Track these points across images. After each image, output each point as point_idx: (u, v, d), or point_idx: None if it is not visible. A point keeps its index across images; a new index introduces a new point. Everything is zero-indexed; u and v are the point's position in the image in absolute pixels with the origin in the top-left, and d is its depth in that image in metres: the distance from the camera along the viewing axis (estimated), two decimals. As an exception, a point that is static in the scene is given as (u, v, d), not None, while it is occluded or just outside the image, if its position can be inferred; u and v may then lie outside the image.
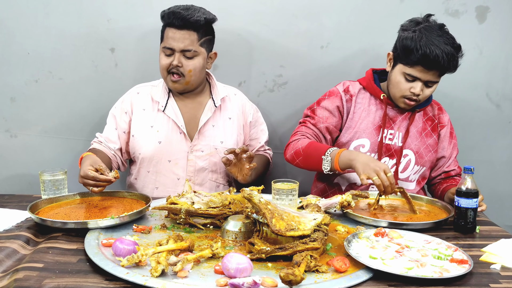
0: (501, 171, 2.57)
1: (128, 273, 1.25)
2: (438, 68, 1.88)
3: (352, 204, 1.75)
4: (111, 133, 2.12)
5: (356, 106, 2.08)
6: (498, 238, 1.59)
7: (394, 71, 1.99)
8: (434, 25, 1.94)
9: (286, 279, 1.19)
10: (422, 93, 1.94)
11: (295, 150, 2.00)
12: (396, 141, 2.06)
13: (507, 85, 2.51)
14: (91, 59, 2.40)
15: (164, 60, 2.03)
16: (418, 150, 2.08)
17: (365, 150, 2.05)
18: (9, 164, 2.47)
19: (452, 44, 1.88)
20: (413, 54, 1.88)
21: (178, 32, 1.99)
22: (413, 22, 1.97)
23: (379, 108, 2.07)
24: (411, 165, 2.08)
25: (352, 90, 2.10)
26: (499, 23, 2.43)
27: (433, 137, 2.10)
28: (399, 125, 2.07)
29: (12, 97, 2.41)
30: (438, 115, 2.14)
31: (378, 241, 1.49)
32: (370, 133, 2.06)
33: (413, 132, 2.07)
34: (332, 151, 1.90)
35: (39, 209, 1.71)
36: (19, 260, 1.40)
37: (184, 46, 1.99)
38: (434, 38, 1.87)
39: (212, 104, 2.13)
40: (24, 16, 2.34)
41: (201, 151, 2.10)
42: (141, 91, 2.15)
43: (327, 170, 1.91)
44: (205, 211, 1.63)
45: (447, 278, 1.27)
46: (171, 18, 1.98)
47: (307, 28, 2.43)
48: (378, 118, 2.07)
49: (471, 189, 1.64)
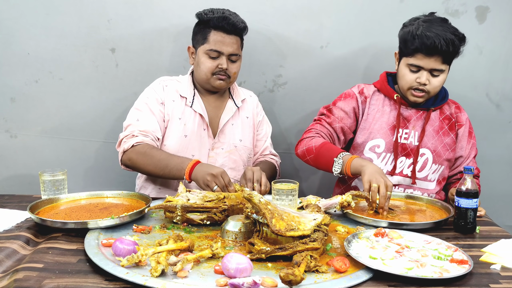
0: (501, 171, 2.57)
1: (128, 273, 1.25)
2: (437, 52, 1.89)
3: (352, 204, 1.75)
4: (151, 122, 2.05)
5: (370, 107, 2.09)
6: (498, 238, 1.59)
7: (400, 66, 2.03)
8: (435, 18, 1.97)
9: (286, 279, 1.19)
10: (429, 83, 1.95)
11: (307, 147, 2.01)
12: (412, 140, 2.07)
13: (507, 85, 2.51)
14: (91, 59, 2.41)
15: (210, 63, 2.06)
16: (436, 149, 2.07)
17: (381, 150, 2.06)
18: (9, 164, 2.47)
19: (452, 32, 1.90)
20: (411, 43, 1.92)
21: (228, 36, 2.04)
22: (414, 18, 2.02)
23: (393, 108, 2.08)
24: (429, 164, 2.07)
25: (366, 92, 2.11)
26: (499, 23, 2.44)
27: (450, 136, 2.10)
28: (414, 124, 2.07)
29: (12, 97, 2.42)
30: (455, 114, 2.13)
31: (378, 241, 1.49)
32: (385, 133, 2.06)
33: (429, 131, 2.07)
34: (344, 155, 1.92)
35: (39, 209, 1.71)
36: (19, 260, 1.40)
37: (233, 51, 2.06)
38: (434, 27, 1.90)
39: (233, 104, 2.20)
40: (24, 17, 2.34)
41: (221, 148, 2.15)
42: (169, 84, 2.15)
43: (337, 172, 1.92)
44: (201, 204, 1.64)
45: (447, 278, 1.27)
46: (222, 22, 2.02)
47: (307, 28, 2.43)
48: (392, 118, 2.07)
49: (471, 189, 1.64)
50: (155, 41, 2.41)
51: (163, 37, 2.40)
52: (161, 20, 2.39)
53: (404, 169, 2.07)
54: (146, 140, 2.00)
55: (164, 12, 2.38)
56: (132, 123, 2.04)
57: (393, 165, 2.06)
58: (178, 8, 2.37)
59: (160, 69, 2.40)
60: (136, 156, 1.96)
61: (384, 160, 2.07)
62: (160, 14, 2.39)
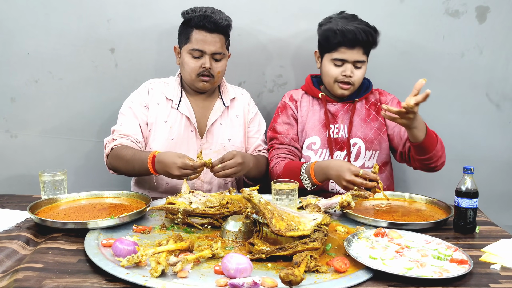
0: (501, 171, 2.57)
1: (128, 274, 1.25)
2: (359, 44, 2.01)
3: (352, 204, 1.74)
4: (132, 126, 2.09)
5: (302, 109, 2.18)
6: (498, 238, 1.59)
7: (323, 63, 2.11)
8: (347, 15, 2.10)
9: (286, 279, 1.19)
10: (353, 75, 2.05)
11: (276, 176, 2.05)
12: (343, 134, 2.14)
13: (507, 85, 2.51)
14: (91, 59, 2.41)
15: (194, 63, 2.05)
16: (366, 136, 2.14)
17: (317, 147, 2.13)
18: (9, 164, 2.47)
19: (366, 25, 2.04)
20: (334, 38, 2.02)
21: (210, 35, 2.03)
22: (328, 17, 2.12)
23: (322, 106, 2.17)
24: (362, 152, 2.14)
25: (295, 96, 2.21)
26: (499, 23, 2.43)
27: (379, 120, 2.17)
28: (342, 118, 2.15)
29: (12, 97, 2.41)
30: (380, 98, 2.21)
31: (378, 241, 1.49)
32: (318, 130, 2.14)
33: (357, 121, 2.15)
34: (305, 168, 1.96)
35: (39, 210, 1.71)
36: (19, 260, 1.40)
37: (215, 49, 2.04)
38: (348, 22, 2.03)
39: (221, 103, 2.19)
40: (24, 17, 2.34)
41: (209, 149, 2.15)
42: (155, 87, 2.17)
43: (310, 188, 1.96)
44: (203, 210, 1.63)
45: (447, 278, 1.27)
46: (203, 21, 2.01)
47: (307, 28, 2.43)
48: (322, 116, 2.15)
49: (471, 189, 1.64)
50: (155, 41, 2.41)
51: (162, 37, 2.40)
52: (160, 20, 2.39)
53: None
54: (124, 142, 2.03)
55: (164, 12, 2.38)
56: (116, 128, 2.10)
57: None
58: (177, 8, 2.36)
59: (160, 69, 2.40)
60: (113, 160, 2.03)
61: (322, 156, 2.14)
62: (160, 14, 2.39)
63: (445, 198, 1.94)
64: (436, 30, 2.44)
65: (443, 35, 2.45)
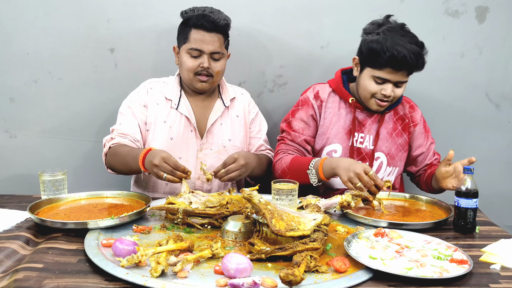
0: (501, 171, 2.57)
1: (128, 274, 1.25)
2: (406, 68, 1.89)
3: (352, 204, 1.74)
4: (131, 125, 2.08)
5: (327, 111, 2.09)
6: (498, 238, 1.59)
7: (363, 75, 1.98)
8: (395, 25, 1.95)
9: (286, 279, 1.19)
10: (393, 93, 1.95)
11: (281, 170, 2.03)
12: (367, 144, 2.08)
13: (507, 85, 2.51)
14: (90, 59, 2.40)
15: (192, 62, 2.04)
16: (389, 152, 2.09)
17: (338, 155, 2.07)
18: (9, 164, 2.47)
19: (416, 43, 1.89)
20: (380, 57, 1.88)
21: (208, 34, 2.01)
22: (375, 25, 1.98)
23: (349, 111, 2.08)
24: (383, 167, 2.09)
25: (322, 95, 2.11)
26: (499, 23, 2.44)
27: (403, 137, 2.11)
28: (369, 128, 2.08)
29: (12, 97, 2.41)
30: (410, 114, 2.14)
31: (378, 241, 1.49)
32: (342, 138, 2.07)
33: (383, 134, 2.08)
34: (314, 163, 1.93)
35: (39, 210, 1.71)
36: (19, 260, 1.40)
37: (214, 49, 2.03)
38: (398, 38, 1.87)
39: (221, 103, 2.18)
40: (23, 17, 2.34)
41: (210, 149, 2.14)
42: (154, 86, 2.16)
43: (316, 183, 1.94)
44: (203, 211, 1.63)
45: (447, 278, 1.27)
46: (201, 20, 2.00)
47: (307, 28, 2.43)
48: (348, 122, 2.08)
49: (471, 189, 1.64)
50: (154, 41, 2.41)
51: (162, 37, 2.40)
52: (160, 20, 2.39)
53: None
54: (122, 141, 2.02)
55: (164, 12, 2.38)
56: (115, 128, 2.09)
57: None
58: (177, 8, 2.36)
59: (159, 69, 2.40)
60: (110, 158, 2.03)
61: None
62: (160, 14, 2.39)
63: (445, 198, 1.94)
64: (436, 30, 2.44)
65: (443, 35, 2.45)
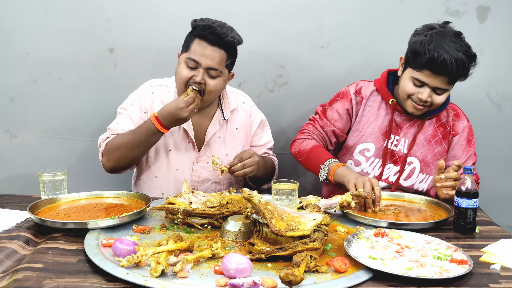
0: (501, 171, 2.57)
1: (128, 274, 1.25)
2: (446, 73, 1.81)
3: (352, 204, 1.74)
4: (129, 126, 2.01)
5: (366, 109, 2.07)
6: (498, 238, 1.59)
7: (404, 75, 1.95)
8: (449, 31, 1.87)
9: (286, 279, 1.18)
10: (430, 99, 1.90)
11: (298, 150, 2.05)
12: (401, 148, 2.05)
13: (508, 85, 2.51)
14: (90, 59, 2.40)
15: (186, 72, 1.91)
16: (425, 158, 2.05)
17: (370, 155, 2.06)
18: (9, 164, 2.47)
19: (465, 52, 1.81)
20: (420, 57, 1.83)
21: (210, 48, 1.89)
22: (427, 27, 1.92)
23: (388, 113, 2.05)
24: (416, 173, 2.06)
25: (364, 92, 2.07)
26: (500, 23, 2.43)
27: (442, 145, 2.05)
28: (405, 132, 2.05)
29: (12, 97, 2.41)
30: (452, 122, 2.07)
31: (378, 241, 1.49)
32: (376, 138, 2.05)
33: (420, 140, 2.04)
34: (331, 162, 1.95)
35: (39, 210, 1.71)
36: (19, 260, 1.40)
37: (212, 64, 1.89)
38: (446, 43, 1.80)
39: (221, 116, 2.10)
40: (23, 17, 2.34)
41: (206, 162, 2.09)
42: (156, 91, 2.07)
43: (322, 179, 1.97)
44: (203, 211, 1.63)
45: (447, 279, 1.27)
46: (206, 31, 1.88)
47: (307, 28, 2.43)
48: (386, 123, 2.05)
49: (471, 189, 1.64)
50: (154, 41, 2.41)
51: (162, 37, 2.40)
52: (160, 20, 2.39)
53: (390, 176, 2.07)
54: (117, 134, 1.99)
55: (163, 12, 2.38)
56: (112, 127, 2.04)
57: (380, 171, 2.07)
58: (177, 8, 2.37)
59: (159, 69, 2.40)
60: (109, 154, 1.96)
61: (372, 165, 2.07)
62: (159, 14, 2.39)
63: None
64: (436, 30, 2.43)
65: (443, 35, 2.44)
